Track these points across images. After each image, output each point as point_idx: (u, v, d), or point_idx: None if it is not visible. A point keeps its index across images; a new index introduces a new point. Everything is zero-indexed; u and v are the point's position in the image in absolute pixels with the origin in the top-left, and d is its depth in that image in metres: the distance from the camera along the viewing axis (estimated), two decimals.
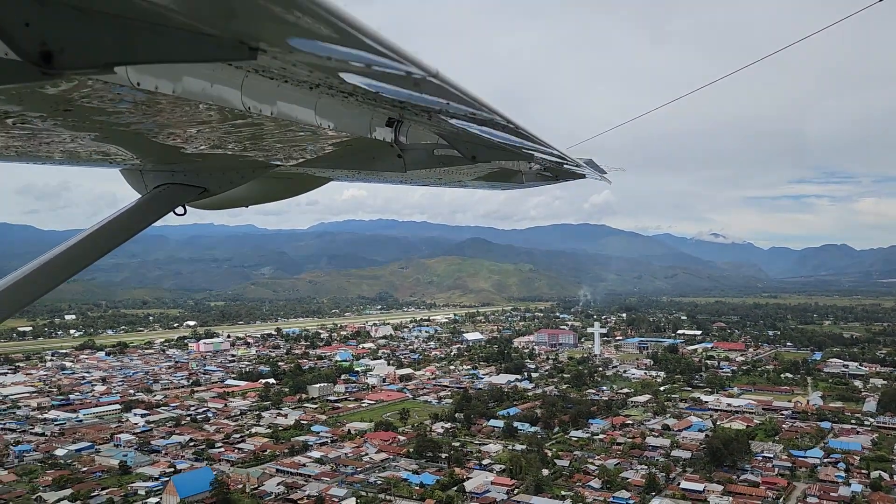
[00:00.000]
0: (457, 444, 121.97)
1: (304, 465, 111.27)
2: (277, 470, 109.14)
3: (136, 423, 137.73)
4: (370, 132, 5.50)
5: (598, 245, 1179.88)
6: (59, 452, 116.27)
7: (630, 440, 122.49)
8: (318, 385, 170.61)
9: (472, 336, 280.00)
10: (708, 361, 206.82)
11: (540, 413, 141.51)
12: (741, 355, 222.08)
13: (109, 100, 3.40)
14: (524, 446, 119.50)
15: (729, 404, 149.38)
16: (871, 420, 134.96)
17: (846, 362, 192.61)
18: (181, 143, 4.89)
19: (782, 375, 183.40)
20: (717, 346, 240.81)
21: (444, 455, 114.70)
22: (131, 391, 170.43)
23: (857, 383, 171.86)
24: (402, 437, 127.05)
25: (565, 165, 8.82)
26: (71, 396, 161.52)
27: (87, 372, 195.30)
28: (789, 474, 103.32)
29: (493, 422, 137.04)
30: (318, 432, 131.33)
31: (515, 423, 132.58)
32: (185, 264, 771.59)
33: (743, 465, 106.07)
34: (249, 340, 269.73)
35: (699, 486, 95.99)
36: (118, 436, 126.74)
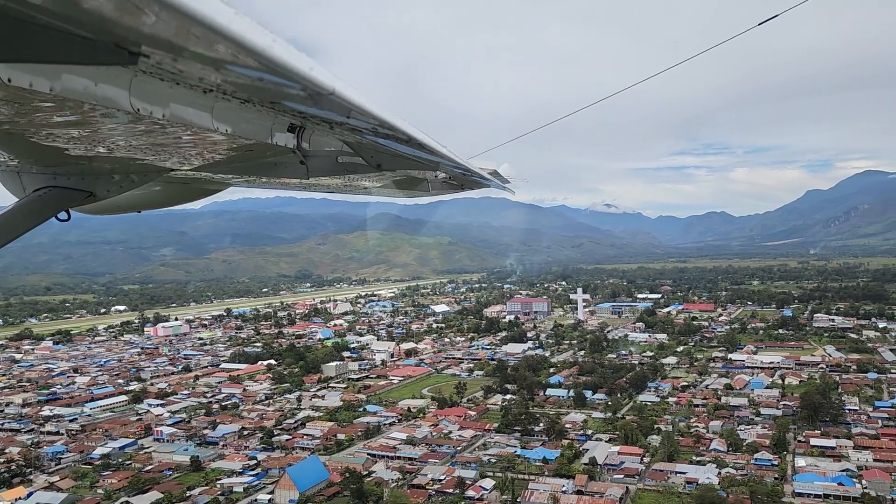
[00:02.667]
0: (549, 414, 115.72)
1: (394, 447, 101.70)
2: (369, 454, 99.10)
3: (159, 415, 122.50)
4: (271, 137, 4.97)
5: (500, 217, 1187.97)
6: (103, 451, 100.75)
7: (705, 401, 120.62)
8: (332, 364, 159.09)
9: (440, 308, 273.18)
10: (694, 322, 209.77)
11: (585, 380, 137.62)
12: (720, 315, 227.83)
13: None
14: (607, 414, 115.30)
15: (761, 361, 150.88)
16: None
17: (831, 317, 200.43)
18: (63, 144, 4.40)
19: (779, 331, 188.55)
20: (688, 308, 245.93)
21: (536, 428, 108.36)
22: (120, 381, 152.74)
23: (853, 336, 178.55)
24: (471, 413, 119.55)
25: (471, 177, 8.75)
26: (54, 390, 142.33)
27: (48, 363, 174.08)
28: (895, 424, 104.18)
29: (550, 391, 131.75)
30: (376, 412, 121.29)
31: (579, 392, 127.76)
32: (73, 247, 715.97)
33: (844, 419, 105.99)
34: (205, 322, 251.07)
35: (831, 443, 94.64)
36: (157, 429, 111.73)
